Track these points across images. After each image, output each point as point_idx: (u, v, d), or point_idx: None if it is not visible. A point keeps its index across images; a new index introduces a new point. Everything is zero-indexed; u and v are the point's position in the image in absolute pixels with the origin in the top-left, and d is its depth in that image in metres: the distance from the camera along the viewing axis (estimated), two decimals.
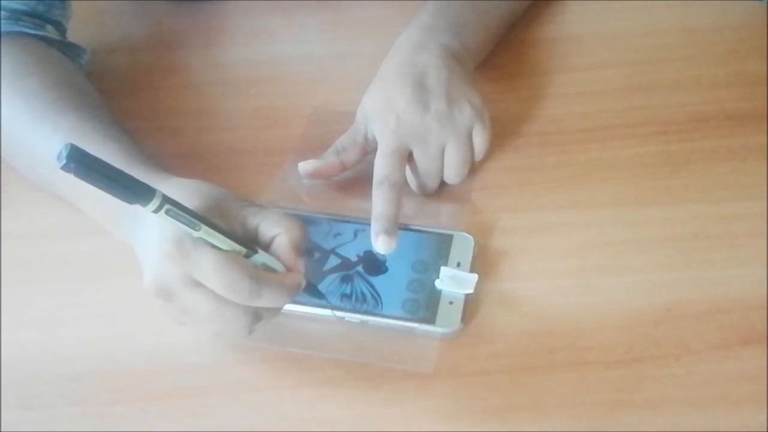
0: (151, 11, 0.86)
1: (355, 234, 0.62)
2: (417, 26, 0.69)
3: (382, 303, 0.58)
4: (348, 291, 0.58)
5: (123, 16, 0.86)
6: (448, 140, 0.63)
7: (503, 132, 0.70)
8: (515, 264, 0.61)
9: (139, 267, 0.58)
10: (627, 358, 0.55)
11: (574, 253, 0.61)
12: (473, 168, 0.66)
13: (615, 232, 0.62)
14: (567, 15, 0.82)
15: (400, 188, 0.61)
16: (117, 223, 0.59)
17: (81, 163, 0.44)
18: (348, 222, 0.62)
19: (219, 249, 0.49)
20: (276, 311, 0.53)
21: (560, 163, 0.68)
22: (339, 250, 0.61)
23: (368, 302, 0.58)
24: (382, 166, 0.62)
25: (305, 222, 0.62)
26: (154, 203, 0.47)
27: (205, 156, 0.70)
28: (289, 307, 0.57)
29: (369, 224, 0.62)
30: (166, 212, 0.47)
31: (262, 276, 0.50)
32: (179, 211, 0.48)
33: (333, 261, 0.60)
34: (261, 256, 0.51)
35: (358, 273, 0.60)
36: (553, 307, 0.58)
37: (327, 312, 0.57)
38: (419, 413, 0.53)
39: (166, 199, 0.47)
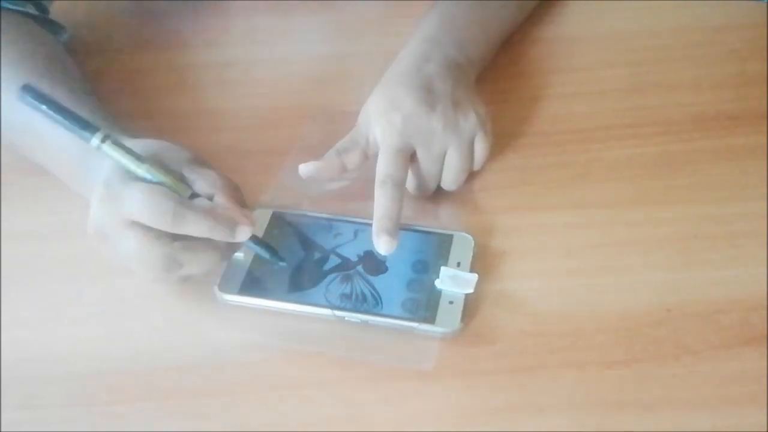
0: (151, 11, 0.86)
1: (355, 234, 0.62)
2: (421, 38, 0.69)
3: (382, 303, 0.58)
4: (348, 291, 0.58)
5: (123, 16, 0.86)
6: (450, 144, 0.63)
7: (503, 132, 0.70)
8: (515, 264, 0.61)
9: None
10: (627, 359, 0.55)
11: (574, 253, 0.61)
12: (482, 169, 0.66)
13: (615, 232, 0.62)
14: (567, 15, 0.82)
15: (403, 187, 0.61)
16: (75, 178, 0.62)
17: (36, 96, 0.52)
18: (348, 222, 0.62)
19: (147, 183, 0.53)
20: (199, 263, 0.55)
21: (560, 163, 0.68)
22: (339, 250, 0.61)
23: (368, 302, 0.58)
24: (385, 165, 0.61)
25: (306, 222, 0.62)
26: (98, 136, 0.53)
27: (205, 156, 0.69)
28: (289, 306, 0.58)
29: (369, 224, 0.62)
30: (111, 144, 0.53)
31: (187, 202, 0.53)
32: (121, 148, 0.53)
33: (333, 261, 0.60)
34: (203, 201, 0.55)
35: (359, 273, 0.60)
36: (553, 307, 0.58)
37: (327, 311, 0.57)
38: (419, 413, 0.53)
39: (108, 136, 0.53)
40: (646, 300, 0.58)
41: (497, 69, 0.76)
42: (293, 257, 0.60)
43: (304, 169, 0.64)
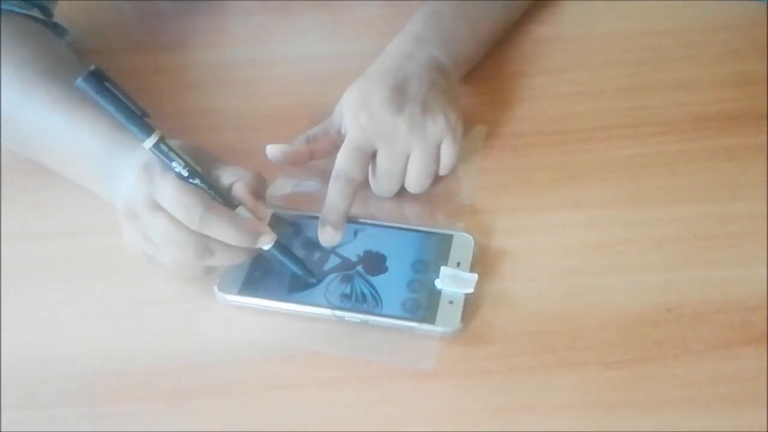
0: (151, 11, 0.86)
1: (355, 234, 0.62)
2: (407, 35, 0.70)
3: (382, 302, 0.58)
4: (348, 291, 0.58)
5: (123, 16, 0.86)
6: (414, 146, 0.63)
7: (503, 132, 0.70)
8: (515, 264, 0.61)
9: (138, 266, 0.58)
10: (627, 359, 0.55)
11: (574, 253, 0.61)
12: (482, 169, 0.66)
13: (615, 232, 0.62)
14: (567, 15, 0.82)
15: (357, 185, 0.61)
16: (97, 182, 0.62)
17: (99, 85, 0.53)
18: (348, 222, 0.62)
19: (183, 179, 0.54)
20: (230, 255, 0.56)
21: (560, 163, 0.68)
22: (339, 250, 0.61)
23: (368, 302, 0.58)
24: (341, 160, 0.62)
25: (306, 223, 0.62)
26: (153, 138, 0.54)
27: None
28: (289, 306, 0.58)
29: (369, 225, 0.62)
30: (165, 146, 0.54)
31: (215, 206, 0.54)
32: (175, 153, 0.54)
33: (333, 261, 0.60)
34: (243, 211, 0.56)
35: (359, 273, 0.60)
36: (553, 307, 0.58)
37: (327, 311, 0.57)
38: (419, 413, 0.54)
39: (163, 139, 0.54)
40: (646, 300, 0.58)
41: (497, 69, 0.76)
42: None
43: (271, 150, 0.64)
